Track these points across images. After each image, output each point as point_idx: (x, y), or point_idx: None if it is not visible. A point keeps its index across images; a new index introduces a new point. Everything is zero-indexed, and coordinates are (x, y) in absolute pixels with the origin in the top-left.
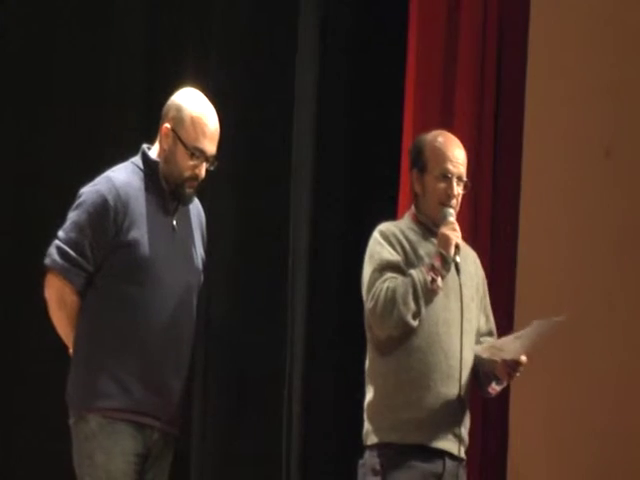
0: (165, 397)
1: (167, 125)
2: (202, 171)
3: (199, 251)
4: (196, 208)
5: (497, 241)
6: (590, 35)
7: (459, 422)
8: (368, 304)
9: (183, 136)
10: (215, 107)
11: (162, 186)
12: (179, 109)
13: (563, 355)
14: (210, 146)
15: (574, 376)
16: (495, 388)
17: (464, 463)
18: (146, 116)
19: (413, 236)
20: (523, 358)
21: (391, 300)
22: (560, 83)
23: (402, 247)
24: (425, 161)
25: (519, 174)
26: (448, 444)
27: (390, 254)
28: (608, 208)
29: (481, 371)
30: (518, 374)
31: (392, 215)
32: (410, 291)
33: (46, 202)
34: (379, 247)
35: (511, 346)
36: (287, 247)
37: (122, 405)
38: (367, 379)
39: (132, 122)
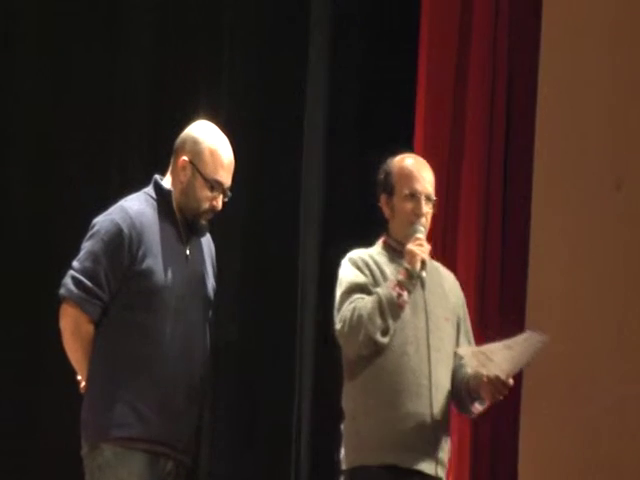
0: (180, 425)
1: (185, 158)
2: (219, 203)
3: (210, 280)
4: (206, 238)
5: (507, 272)
6: (602, 65)
7: (432, 442)
8: (337, 326)
9: (202, 168)
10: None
11: (175, 216)
12: (196, 142)
13: (571, 379)
14: (227, 178)
15: (583, 401)
16: (478, 408)
17: None
18: (154, 146)
19: (381, 259)
20: (510, 381)
21: (358, 319)
22: (571, 114)
23: (370, 270)
24: (393, 183)
25: (529, 205)
26: (421, 464)
27: (357, 276)
28: (619, 240)
29: (463, 389)
30: (501, 397)
31: None
32: (376, 307)
33: (57, 233)
34: (347, 272)
35: (499, 356)
36: (296, 272)
37: (138, 434)
38: (343, 405)
39: (139, 153)
